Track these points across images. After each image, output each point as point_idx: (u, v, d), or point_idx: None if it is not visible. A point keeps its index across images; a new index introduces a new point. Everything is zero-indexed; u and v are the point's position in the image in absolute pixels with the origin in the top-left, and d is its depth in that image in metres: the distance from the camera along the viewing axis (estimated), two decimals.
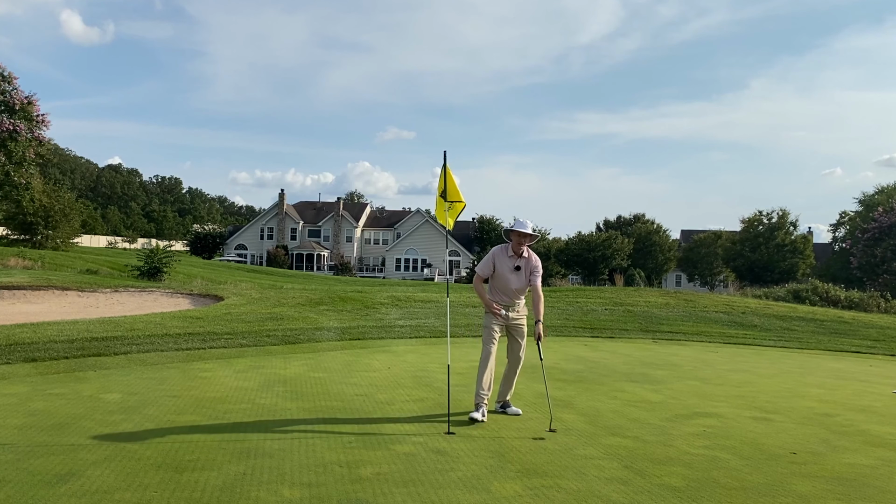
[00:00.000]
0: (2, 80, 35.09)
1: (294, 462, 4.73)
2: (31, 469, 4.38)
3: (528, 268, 6.35)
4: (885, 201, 52.31)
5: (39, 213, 41.43)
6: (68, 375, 7.78)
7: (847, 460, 5.24)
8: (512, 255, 6.35)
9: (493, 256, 6.42)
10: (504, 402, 6.55)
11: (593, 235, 61.23)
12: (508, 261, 6.35)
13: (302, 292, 20.62)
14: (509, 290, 6.34)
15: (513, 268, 6.32)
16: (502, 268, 6.33)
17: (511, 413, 6.45)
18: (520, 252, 6.34)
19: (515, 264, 6.32)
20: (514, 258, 6.34)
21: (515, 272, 6.32)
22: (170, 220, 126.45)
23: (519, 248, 6.33)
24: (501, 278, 6.33)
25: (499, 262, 6.36)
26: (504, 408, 6.54)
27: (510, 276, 6.31)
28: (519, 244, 6.33)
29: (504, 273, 6.32)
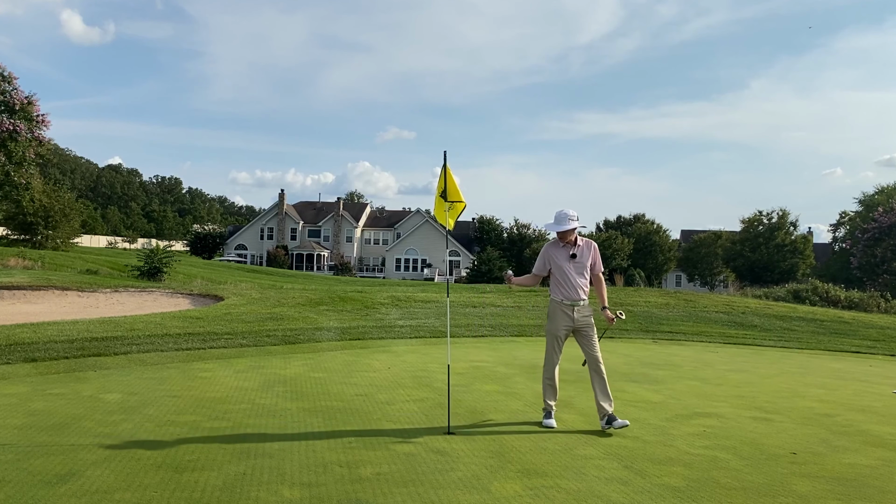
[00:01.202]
0: (2, 80, 35.07)
1: (294, 462, 4.73)
2: (31, 469, 4.38)
3: (588, 254, 6.10)
4: (885, 201, 52.33)
5: (39, 213, 41.42)
6: (68, 375, 7.78)
7: (847, 460, 5.24)
8: (563, 245, 6.10)
9: (545, 251, 6.21)
10: (608, 416, 5.87)
11: (593, 235, 61.26)
12: (562, 251, 6.09)
13: (302, 292, 20.62)
14: (572, 281, 6.01)
15: (569, 256, 6.04)
16: (558, 259, 6.06)
17: (618, 426, 5.78)
18: (571, 240, 6.09)
19: (571, 252, 6.05)
20: (568, 247, 6.08)
21: (573, 260, 6.03)
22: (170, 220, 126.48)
23: (565, 239, 6.09)
24: (561, 271, 6.04)
25: (553, 255, 6.11)
26: (609, 423, 5.83)
27: (569, 266, 6.02)
28: (563, 237, 6.09)
29: (561, 264, 6.04)
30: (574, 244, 6.07)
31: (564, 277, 6.02)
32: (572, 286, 5.99)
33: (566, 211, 6.02)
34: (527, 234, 70.14)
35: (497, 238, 72.11)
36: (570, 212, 6.03)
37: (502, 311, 17.29)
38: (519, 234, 70.60)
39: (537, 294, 22.59)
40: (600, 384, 5.96)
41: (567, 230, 6.02)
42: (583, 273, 6.05)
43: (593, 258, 6.11)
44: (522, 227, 71.46)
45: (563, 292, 6.03)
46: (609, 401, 5.93)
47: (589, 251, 6.10)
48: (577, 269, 6.02)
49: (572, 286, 5.99)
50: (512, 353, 10.87)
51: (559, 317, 6.04)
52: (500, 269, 53.52)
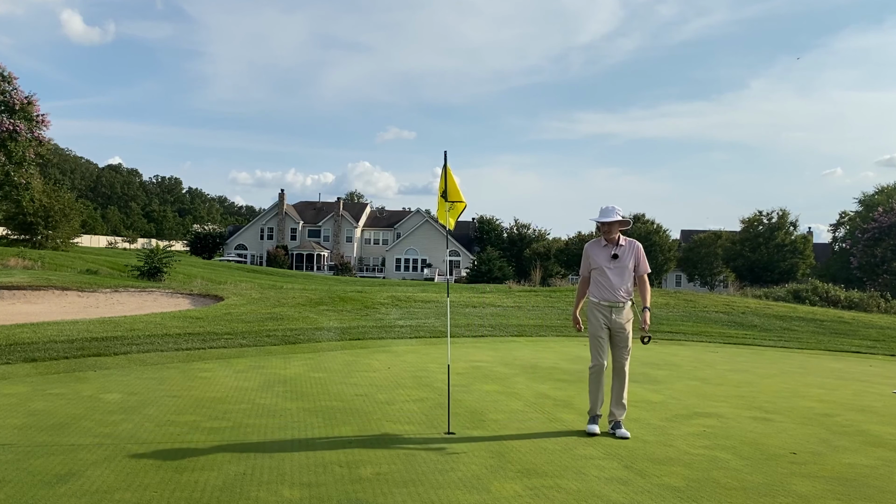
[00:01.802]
0: (2, 80, 35.05)
1: (294, 462, 4.73)
2: (31, 469, 4.38)
3: (630, 255, 5.82)
4: (885, 201, 52.33)
5: (39, 213, 41.43)
6: (68, 375, 7.78)
7: (847, 460, 5.24)
8: (606, 244, 5.84)
9: (586, 252, 5.97)
10: (615, 420, 5.81)
11: (593, 235, 61.24)
12: (603, 250, 5.85)
13: (302, 292, 20.62)
14: (612, 283, 5.77)
15: (610, 256, 5.79)
16: (599, 259, 5.81)
17: (620, 436, 5.67)
18: (614, 240, 5.83)
19: (613, 252, 5.79)
20: (610, 246, 5.82)
21: (615, 261, 5.77)
22: (170, 220, 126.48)
23: (609, 236, 5.83)
24: (600, 271, 5.81)
25: (593, 254, 5.88)
26: (614, 429, 5.77)
27: (610, 267, 5.78)
28: (607, 233, 5.83)
29: (602, 264, 5.80)
30: (616, 244, 5.83)
31: (604, 278, 5.80)
32: (610, 287, 5.77)
33: (612, 205, 5.82)
34: (527, 234, 70.14)
35: (497, 238, 72.10)
36: (616, 206, 5.81)
37: (502, 311, 17.29)
38: (519, 234, 70.60)
39: (537, 294, 22.59)
40: (618, 391, 5.80)
41: (612, 223, 5.78)
42: (623, 275, 5.79)
43: (636, 259, 5.85)
44: (522, 227, 71.47)
45: (600, 293, 5.83)
46: (622, 409, 5.83)
47: (631, 252, 5.84)
48: (618, 271, 5.78)
49: (610, 287, 5.77)
50: (512, 353, 10.87)
51: (596, 317, 5.86)
52: (500, 269, 53.51)
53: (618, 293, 5.75)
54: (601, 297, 5.82)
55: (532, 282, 38.55)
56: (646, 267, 5.89)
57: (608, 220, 5.79)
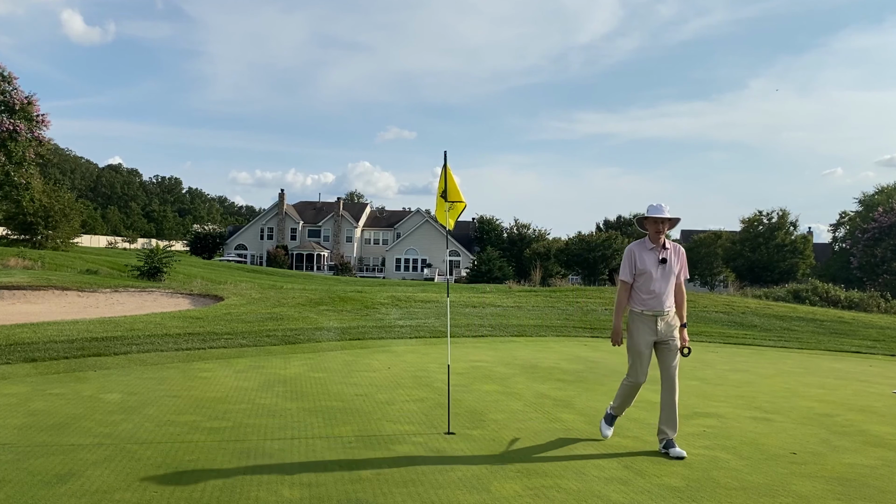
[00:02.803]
0: (2, 80, 35.07)
1: (294, 462, 4.73)
2: (31, 469, 4.39)
3: (676, 260, 5.40)
4: (885, 201, 52.34)
5: (39, 213, 41.44)
6: (68, 375, 7.78)
7: (847, 460, 5.24)
8: (653, 246, 5.36)
9: (630, 254, 5.42)
10: (667, 440, 5.27)
11: (593, 235, 61.24)
12: (650, 254, 5.35)
13: (302, 292, 20.63)
14: (658, 291, 5.30)
15: (658, 261, 5.32)
16: (646, 264, 5.31)
17: (674, 455, 5.13)
18: (661, 242, 5.37)
19: (661, 256, 5.32)
20: (658, 249, 5.35)
21: (662, 266, 5.31)
22: (170, 220, 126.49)
23: (659, 237, 5.36)
24: (647, 277, 5.31)
25: (640, 258, 5.35)
26: (667, 448, 5.23)
27: (657, 273, 5.30)
28: (658, 232, 5.34)
29: (649, 270, 5.30)
30: (663, 247, 5.37)
31: (651, 287, 5.30)
32: (658, 295, 5.29)
33: (661, 203, 5.37)
34: (527, 234, 70.15)
35: (497, 238, 72.10)
36: (665, 206, 5.36)
37: (502, 311, 17.29)
38: (519, 234, 70.60)
39: (537, 294, 22.59)
40: (670, 404, 5.30)
41: (665, 220, 5.30)
42: (670, 281, 5.35)
43: (681, 264, 5.44)
44: (522, 227, 71.48)
45: (646, 301, 5.32)
46: (674, 427, 5.29)
47: (677, 257, 5.41)
48: (665, 276, 5.32)
49: (658, 295, 5.29)
50: (512, 353, 10.87)
51: (641, 330, 5.32)
52: (500, 269, 53.50)
53: (666, 302, 5.32)
54: (647, 306, 5.31)
55: (532, 282, 38.56)
56: (687, 274, 5.50)
57: (663, 216, 5.29)
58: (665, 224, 5.34)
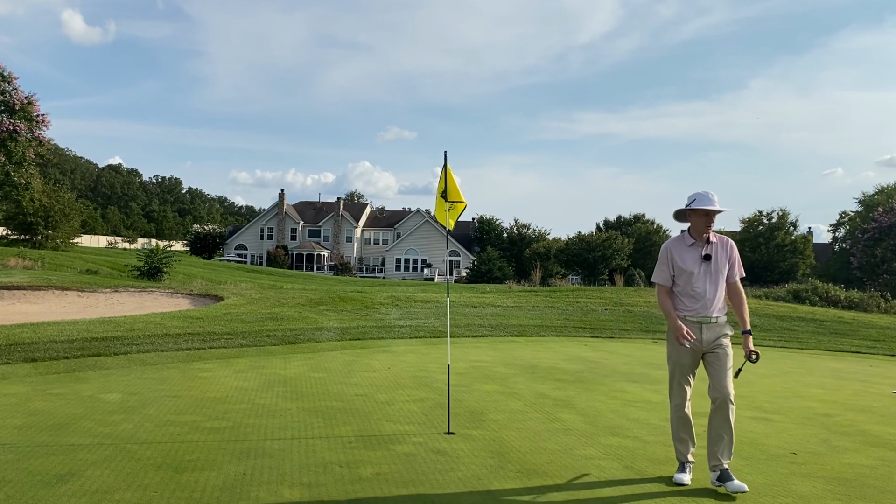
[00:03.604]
0: (2, 80, 35.06)
1: (294, 462, 4.74)
2: (31, 469, 4.39)
3: (724, 255, 4.67)
4: (885, 201, 52.32)
5: (39, 213, 41.44)
6: (68, 375, 7.78)
7: (847, 460, 5.24)
8: (693, 241, 4.66)
9: (667, 252, 4.73)
10: (721, 469, 4.47)
11: (593, 235, 61.23)
12: (691, 250, 4.66)
13: (302, 292, 20.63)
14: (701, 293, 4.60)
15: (701, 257, 4.62)
16: (685, 262, 4.63)
17: (733, 489, 4.36)
18: (705, 236, 4.66)
19: (704, 252, 4.62)
20: (700, 244, 4.65)
21: (706, 263, 4.60)
22: (170, 220, 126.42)
23: (703, 231, 4.64)
24: (687, 278, 4.61)
25: (678, 256, 4.67)
26: (722, 481, 4.43)
27: (699, 272, 4.60)
28: (707, 225, 4.63)
29: (689, 269, 4.60)
30: (707, 242, 4.66)
31: (691, 289, 4.62)
32: (701, 297, 4.60)
33: (707, 191, 4.65)
34: (527, 234, 70.13)
35: (497, 238, 72.08)
36: (713, 195, 4.64)
37: (502, 311, 17.29)
38: (519, 234, 70.59)
39: (537, 294, 22.58)
40: (722, 428, 4.54)
41: (712, 212, 4.59)
42: (718, 281, 4.62)
43: (731, 261, 4.70)
44: (522, 227, 71.46)
45: (687, 305, 4.64)
46: (728, 452, 4.51)
47: (726, 252, 4.68)
48: (711, 276, 4.61)
49: (701, 297, 4.60)
50: (512, 353, 10.87)
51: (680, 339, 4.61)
52: (500, 270, 53.47)
53: (710, 304, 4.60)
54: (690, 311, 4.63)
55: (532, 282, 38.55)
56: (741, 271, 4.76)
57: (710, 208, 4.55)
58: (711, 217, 4.61)
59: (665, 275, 4.74)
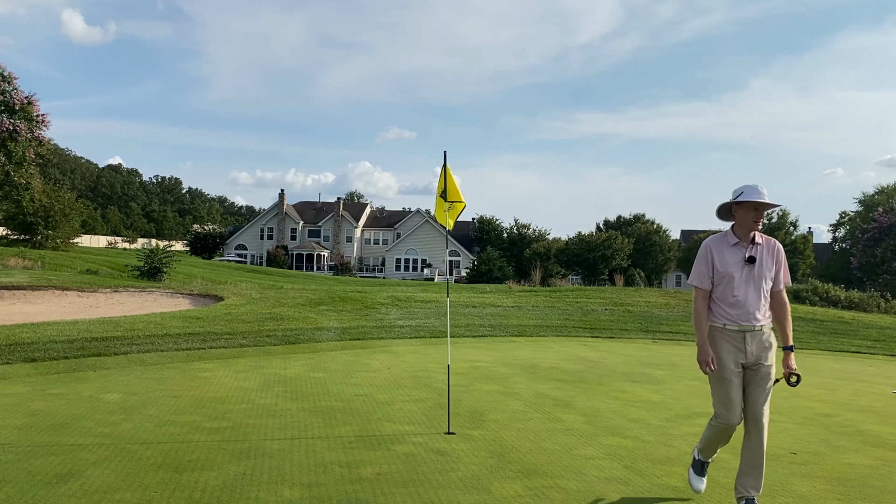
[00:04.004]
0: (2, 80, 35.05)
1: (294, 462, 4.74)
2: (31, 469, 4.39)
3: (771, 258, 4.15)
4: (885, 201, 52.33)
5: (39, 213, 41.42)
6: (68, 375, 7.78)
7: (847, 460, 5.25)
8: (737, 241, 4.14)
9: (707, 251, 4.20)
10: (748, 498, 4.05)
11: (593, 235, 61.27)
12: (734, 251, 4.13)
13: (302, 292, 20.63)
14: (741, 300, 4.08)
15: (744, 260, 4.09)
16: (727, 265, 4.11)
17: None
18: (751, 236, 4.14)
19: (748, 253, 4.10)
20: (744, 244, 4.13)
21: (748, 267, 4.08)
22: (170, 220, 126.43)
23: (749, 229, 4.12)
24: (728, 282, 4.10)
25: (719, 256, 4.15)
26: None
27: (742, 276, 4.09)
28: (756, 221, 4.10)
29: (731, 270, 4.10)
30: (752, 242, 4.15)
31: (735, 291, 4.09)
32: (744, 304, 4.08)
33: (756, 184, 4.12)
34: (527, 234, 70.15)
35: (497, 238, 72.08)
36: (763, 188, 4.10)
37: (502, 311, 17.29)
38: (519, 235, 70.60)
39: (537, 294, 22.58)
40: (753, 453, 4.08)
41: (761, 205, 4.07)
42: (761, 286, 4.11)
43: (778, 265, 4.18)
44: (522, 227, 71.47)
45: (728, 313, 4.11)
46: (759, 482, 4.06)
47: (772, 255, 4.16)
48: (755, 280, 4.10)
49: (744, 304, 4.08)
50: (512, 353, 10.87)
51: (725, 349, 4.10)
52: (500, 270, 53.45)
53: (755, 312, 4.08)
54: (730, 318, 4.10)
55: (532, 282, 38.56)
56: (788, 278, 4.25)
57: (760, 200, 4.04)
58: (761, 211, 4.10)
59: (704, 276, 4.19)
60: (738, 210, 4.13)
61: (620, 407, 7.00)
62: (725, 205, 4.21)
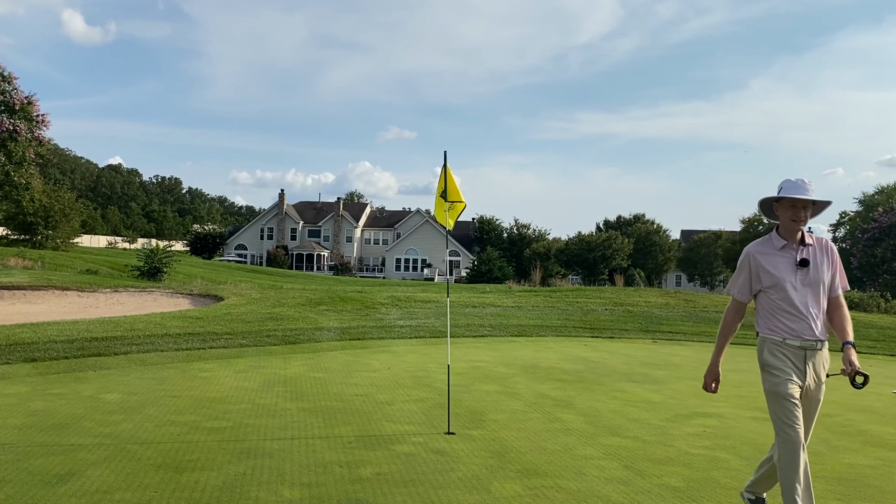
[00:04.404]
0: (2, 80, 35.06)
1: (294, 462, 4.74)
2: (31, 469, 4.39)
3: (826, 261, 3.70)
4: (885, 201, 52.32)
5: (39, 213, 41.45)
6: (68, 375, 7.78)
7: (847, 460, 5.25)
8: (784, 243, 3.68)
9: (748, 260, 3.76)
10: (758, 497, 3.93)
11: (593, 235, 61.27)
12: (782, 255, 3.67)
13: (302, 292, 20.62)
14: (804, 309, 3.62)
15: (795, 263, 3.64)
16: (777, 269, 3.65)
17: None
18: (799, 237, 3.69)
19: (800, 256, 3.65)
20: (793, 247, 3.67)
21: (802, 271, 3.64)
22: (170, 220, 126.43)
23: (791, 230, 3.67)
24: (781, 290, 3.63)
25: (767, 261, 3.68)
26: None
27: (794, 282, 3.63)
28: (795, 221, 3.64)
29: (783, 276, 3.63)
30: (802, 243, 3.70)
31: (790, 300, 3.62)
32: (803, 315, 3.62)
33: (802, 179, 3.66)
34: (527, 234, 70.16)
35: (497, 238, 72.10)
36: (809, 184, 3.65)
37: (502, 311, 17.29)
38: (519, 235, 70.61)
39: (537, 294, 22.59)
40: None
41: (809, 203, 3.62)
42: (818, 294, 3.66)
43: (834, 268, 3.73)
44: (522, 227, 71.49)
45: (788, 326, 3.63)
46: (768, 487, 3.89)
47: (826, 257, 3.71)
48: (812, 286, 3.64)
49: (803, 315, 3.62)
50: (512, 353, 10.87)
51: (784, 365, 3.64)
52: (500, 270, 53.44)
53: (813, 323, 3.64)
54: (792, 332, 3.63)
55: (532, 282, 38.57)
56: (845, 281, 3.79)
57: (806, 198, 3.58)
58: (808, 210, 3.66)
59: (742, 287, 3.76)
60: (779, 208, 3.70)
61: (620, 407, 7.00)
62: (767, 200, 3.78)
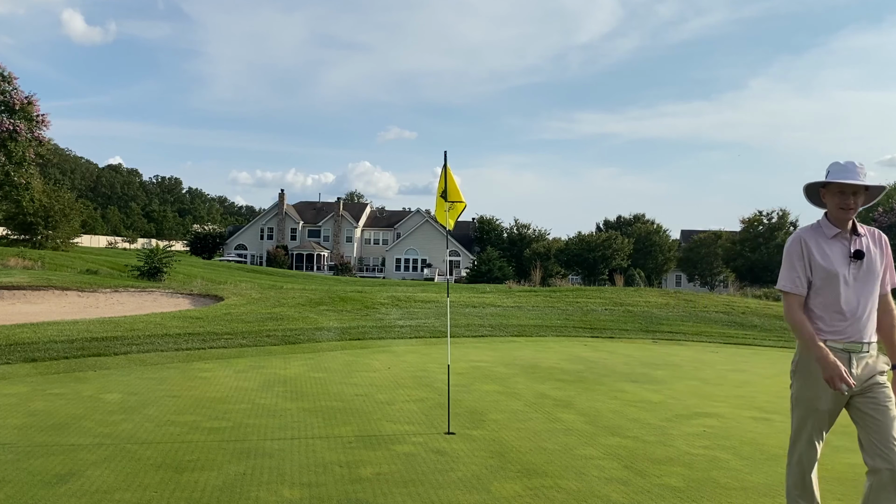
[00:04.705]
0: (2, 80, 35.04)
1: (294, 462, 4.74)
2: (31, 469, 4.39)
3: (880, 254, 3.29)
4: (885, 201, 52.33)
5: (39, 213, 41.46)
6: (68, 375, 7.78)
7: (847, 460, 5.24)
8: (837, 231, 3.27)
9: (800, 246, 3.30)
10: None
11: (593, 235, 61.29)
12: (834, 244, 3.27)
13: (302, 292, 20.62)
14: (853, 306, 3.23)
15: (848, 255, 3.24)
16: (830, 261, 3.24)
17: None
18: (850, 225, 3.29)
19: (854, 248, 3.25)
20: (846, 236, 3.27)
21: (856, 264, 3.24)
22: (170, 220, 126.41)
23: (840, 218, 3.26)
24: (831, 283, 3.24)
25: (818, 250, 3.27)
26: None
27: (850, 275, 3.24)
28: (843, 208, 3.24)
29: (836, 270, 3.23)
30: (853, 232, 3.29)
31: (841, 296, 3.23)
32: (852, 314, 3.23)
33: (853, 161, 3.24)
34: (527, 235, 70.16)
35: (497, 238, 72.09)
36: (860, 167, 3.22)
37: (502, 311, 17.28)
38: (519, 235, 70.61)
39: (537, 294, 22.58)
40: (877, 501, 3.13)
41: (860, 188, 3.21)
42: (871, 289, 3.26)
43: (886, 261, 3.32)
44: (522, 228, 71.49)
45: (831, 325, 3.27)
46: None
47: (880, 249, 3.31)
48: (866, 282, 3.25)
49: (852, 314, 3.23)
50: (512, 353, 10.87)
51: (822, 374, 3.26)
52: (500, 270, 53.42)
53: (863, 323, 3.24)
54: (836, 332, 3.26)
55: (532, 282, 38.57)
56: (894, 278, 3.37)
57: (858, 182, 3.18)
58: (859, 197, 3.24)
59: (798, 278, 3.29)
60: (826, 194, 3.30)
61: (620, 407, 7.00)
62: (813, 186, 3.37)
